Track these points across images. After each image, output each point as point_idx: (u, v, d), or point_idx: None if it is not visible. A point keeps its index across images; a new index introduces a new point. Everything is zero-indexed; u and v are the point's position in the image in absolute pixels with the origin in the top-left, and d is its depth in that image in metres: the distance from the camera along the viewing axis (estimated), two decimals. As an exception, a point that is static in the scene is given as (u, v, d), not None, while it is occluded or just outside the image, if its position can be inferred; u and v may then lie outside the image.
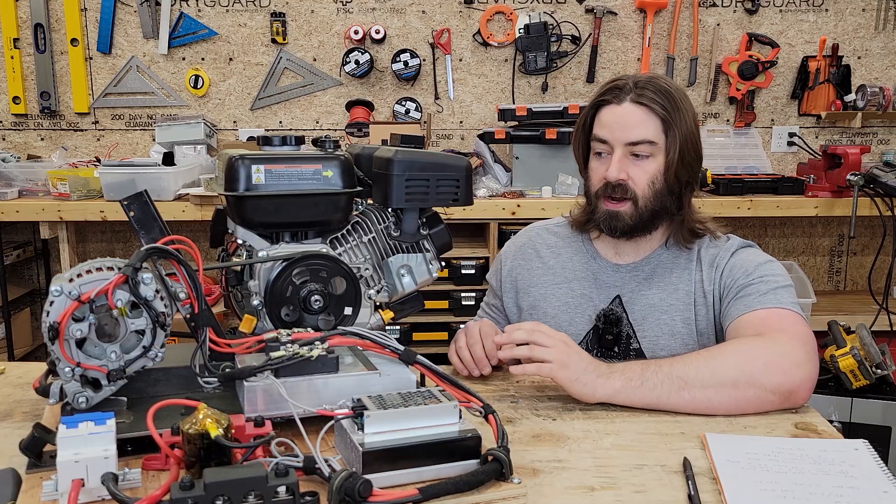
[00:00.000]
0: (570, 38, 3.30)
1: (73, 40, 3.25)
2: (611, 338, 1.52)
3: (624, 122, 1.46)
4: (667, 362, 1.27)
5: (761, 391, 1.23)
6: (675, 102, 1.48)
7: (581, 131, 1.55)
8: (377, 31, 3.24)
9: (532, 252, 1.66)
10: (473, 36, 3.32)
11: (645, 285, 1.54)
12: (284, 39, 3.29)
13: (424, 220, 1.30)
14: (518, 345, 1.28)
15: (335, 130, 3.37)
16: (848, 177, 2.84)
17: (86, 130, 3.36)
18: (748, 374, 1.23)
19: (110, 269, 0.99)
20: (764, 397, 1.24)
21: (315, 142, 1.27)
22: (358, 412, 0.92)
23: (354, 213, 1.28)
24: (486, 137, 3.06)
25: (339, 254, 1.21)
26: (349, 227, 1.25)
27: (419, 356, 1.09)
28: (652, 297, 1.53)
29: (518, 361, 1.30)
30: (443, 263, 1.33)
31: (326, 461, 0.88)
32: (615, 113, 1.48)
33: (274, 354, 1.02)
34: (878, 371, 2.27)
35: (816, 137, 3.41)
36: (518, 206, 2.83)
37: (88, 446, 0.84)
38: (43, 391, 1.07)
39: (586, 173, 1.55)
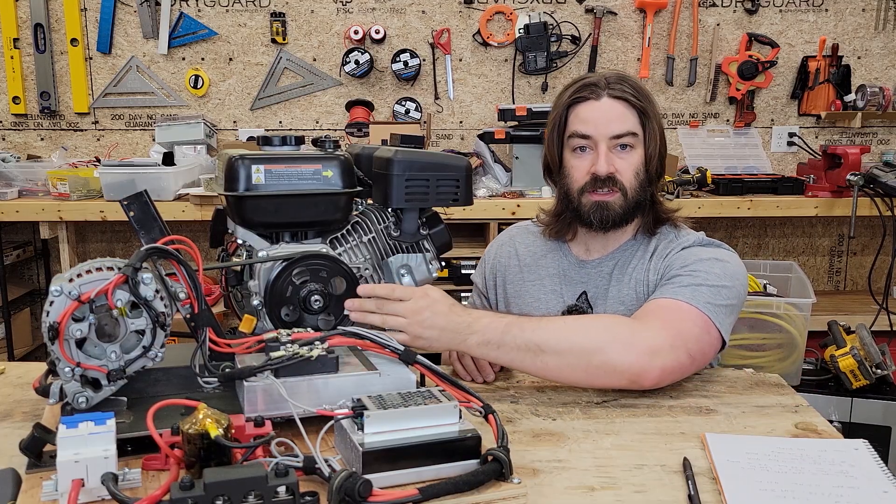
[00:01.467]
0: (570, 38, 3.30)
1: (73, 40, 3.25)
2: None
3: (606, 116, 1.49)
4: (530, 325, 1.27)
5: (611, 368, 1.25)
6: (647, 96, 1.53)
7: (555, 131, 1.54)
8: (377, 31, 3.24)
9: (511, 250, 1.70)
10: (473, 36, 3.32)
11: (607, 280, 1.56)
12: (284, 39, 3.29)
13: (424, 220, 1.30)
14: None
15: (335, 130, 3.37)
16: (848, 177, 2.84)
17: (86, 130, 3.36)
18: (602, 348, 1.25)
19: (110, 269, 0.99)
20: (611, 374, 1.26)
21: (315, 142, 1.27)
22: (358, 412, 0.92)
23: (354, 213, 1.28)
24: (486, 137, 3.06)
25: (339, 254, 1.21)
26: (349, 227, 1.25)
27: (419, 356, 1.09)
28: (612, 291, 1.55)
29: None
30: (443, 263, 1.33)
31: (326, 461, 0.88)
32: (596, 108, 1.49)
33: (274, 354, 1.02)
34: (878, 371, 2.27)
35: (816, 137, 3.41)
36: (518, 206, 2.83)
37: (88, 446, 0.84)
38: (43, 391, 1.07)
39: (563, 171, 1.55)
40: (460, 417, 0.95)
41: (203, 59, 3.31)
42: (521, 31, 3.25)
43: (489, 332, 1.25)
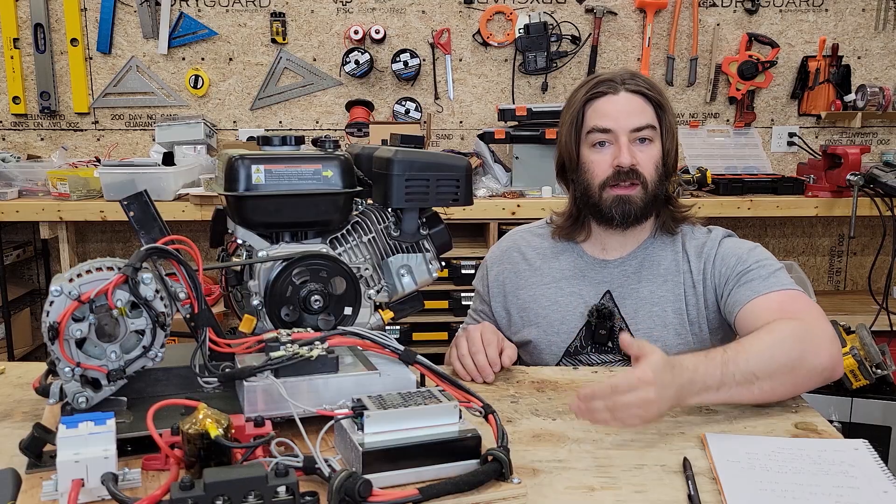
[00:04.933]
0: (569, 38, 3.30)
1: (73, 40, 3.25)
2: (604, 332, 1.53)
3: (627, 109, 1.50)
4: (741, 358, 1.22)
5: (812, 372, 1.26)
6: (661, 91, 1.55)
7: (572, 128, 1.54)
8: (377, 31, 3.24)
9: (517, 255, 1.66)
10: (473, 36, 3.32)
11: (634, 279, 1.55)
12: (284, 39, 3.29)
13: (424, 220, 1.29)
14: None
15: (335, 130, 3.37)
16: (848, 177, 2.84)
17: (86, 130, 3.36)
18: (801, 357, 1.25)
19: (110, 269, 0.99)
20: (813, 377, 1.27)
21: (315, 142, 1.27)
22: (358, 412, 0.92)
23: (354, 213, 1.28)
24: (486, 137, 3.06)
25: (339, 254, 1.21)
26: (349, 227, 1.25)
27: (419, 356, 1.09)
28: (642, 291, 1.54)
29: None
30: (443, 263, 1.33)
31: (326, 461, 0.88)
32: (615, 102, 1.50)
33: (274, 354, 1.02)
34: (878, 371, 2.27)
35: (816, 137, 3.41)
36: (518, 206, 2.83)
37: (88, 446, 0.84)
38: (43, 391, 1.07)
39: (582, 168, 1.54)
40: (460, 417, 0.95)
41: (203, 59, 3.31)
42: (521, 31, 3.25)
43: (709, 379, 1.20)
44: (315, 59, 3.33)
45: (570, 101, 1.57)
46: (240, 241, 1.21)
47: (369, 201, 1.31)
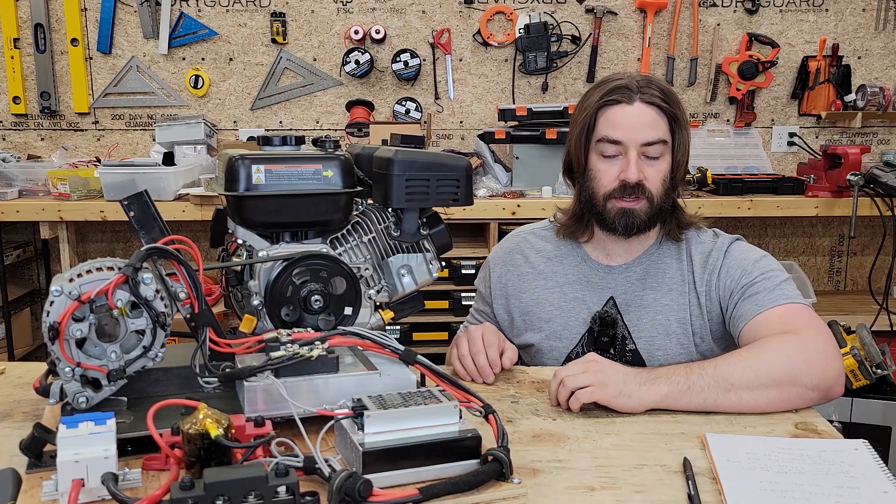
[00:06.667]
0: (570, 38, 3.31)
1: (73, 40, 3.25)
2: (606, 340, 1.52)
3: (639, 122, 1.46)
4: (709, 364, 1.26)
5: (803, 389, 1.25)
6: (677, 102, 1.50)
7: (583, 133, 1.51)
8: (377, 31, 3.24)
9: (521, 257, 1.65)
10: (473, 36, 3.32)
11: (638, 286, 1.54)
12: (284, 39, 3.29)
13: (424, 220, 1.29)
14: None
15: (335, 130, 3.37)
16: (848, 177, 2.84)
17: (86, 130, 3.36)
18: (791, 373, 1.24)
19: (110, 269, 0.99)
20: (805, 395, 1.25)
21: (315, 142, 1.27)
22: (358, 412, 0.92)
23: (354, 213, 1.28)
24: (486, 137, 3.06)
25: (340, 254, 1.21)
26: (349, 227, 1.25)
27: (419, 356, 1.09)
28: (646, 298, 1.53)
29: None
30: (443, 263, 1.33)
31: (326, 461, 0.88)
32: (628, 113, 1.46)
33: (274, 354, 1.02)
34: (878, 371, 2.27)
35: (816, 137, 3.41)
36: (518, 206, 2.83)
37: (88, 446, 0.84)
38: (43, 391, 1.07)
39: (589, 175, 1.52)
40: (460, 417, 0.95)
41: (203, 59, 3.32)
42: (522, 31, 3.25)
43: (673, 375, 1.24)
44: (315, 59, 3.33)
45: (583, 104, 1.53)
46: (240, 241, 1.21)
47: (369, 201, 1.31)
